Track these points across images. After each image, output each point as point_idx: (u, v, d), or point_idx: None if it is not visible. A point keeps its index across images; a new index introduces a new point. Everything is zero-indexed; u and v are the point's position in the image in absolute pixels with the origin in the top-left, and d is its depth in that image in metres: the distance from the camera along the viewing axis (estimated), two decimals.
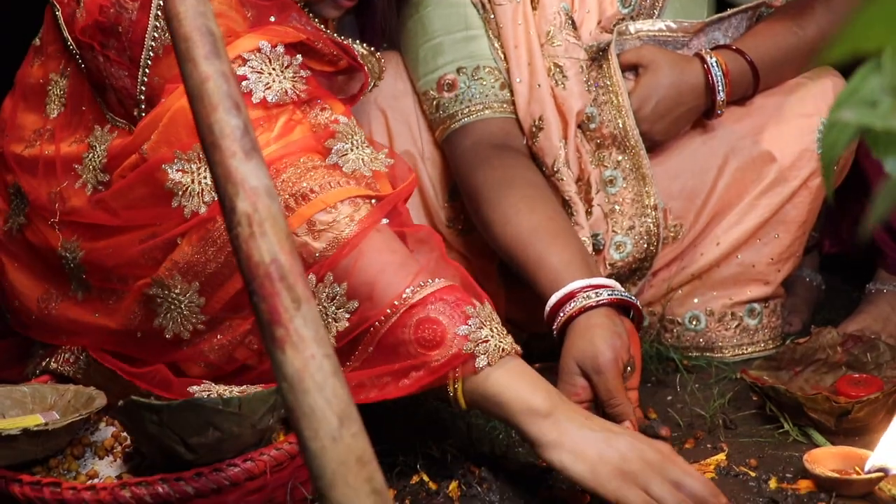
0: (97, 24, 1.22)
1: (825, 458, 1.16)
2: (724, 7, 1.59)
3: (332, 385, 0.63)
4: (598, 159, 1.53)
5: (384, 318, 1.11)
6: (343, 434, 0.62)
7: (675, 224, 1.56)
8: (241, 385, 1.18)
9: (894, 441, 1.12)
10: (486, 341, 1.11)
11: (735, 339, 1.58)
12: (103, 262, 1.22)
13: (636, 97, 1.50)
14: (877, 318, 1.62)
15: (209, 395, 1.12)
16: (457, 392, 1.12)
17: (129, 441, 1.14)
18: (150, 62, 1.20)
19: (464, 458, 1.22)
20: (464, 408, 1.13)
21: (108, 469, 1.12)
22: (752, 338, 1.59)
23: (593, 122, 1.52)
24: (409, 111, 1.55)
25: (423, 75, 1.53)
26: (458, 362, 1.10)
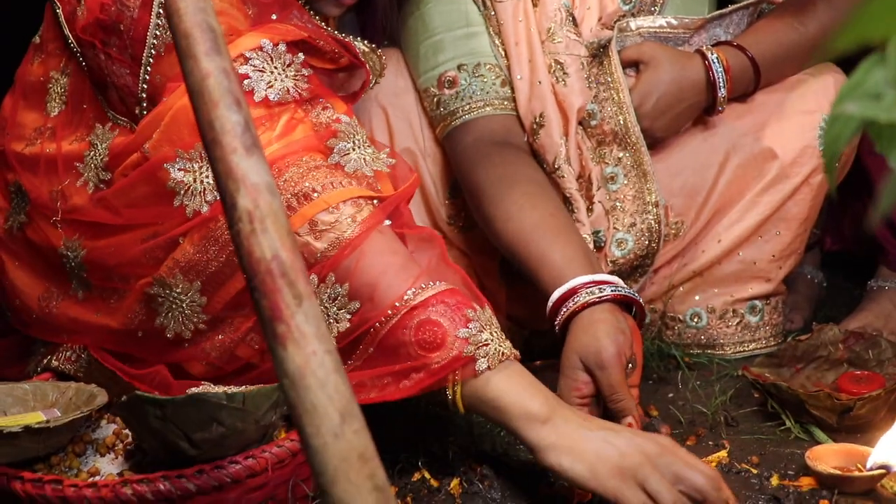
0: (98, 22, 1.21)
1: (827, 455, 1.16)
2: (726, 3, 1.59)
3: (333, 381, 0.63)
4: (599, 156, 1.53)
5: (385, 320, 1.11)
6: (345, 430, 0.62)
7: (676, 221, 1.56)
8: (243, 385, 1.18)
9: None
10: (486, 345, 1.10)
11: (736, 337, 1.58)
12: (105, 261, 1.22)
13: (637, 94, 1.50)
14: (878, 315, 1.62)
15: (212, 392, 1.12)
16: (455, 395, 1.11)
17: (130, 438, 1.14)
18: (151, 60, 1.19)
19: (465, 456, 1.22)
20: (462, 411, 1.13)
21: (109, 466, 1.12)
22: (753, 335, 1.59)
23: (594, 118, 1.51)
24: (409, 108, 1.55)
25: (423, 72, 1.53)
26: (459, 365, 1.10)
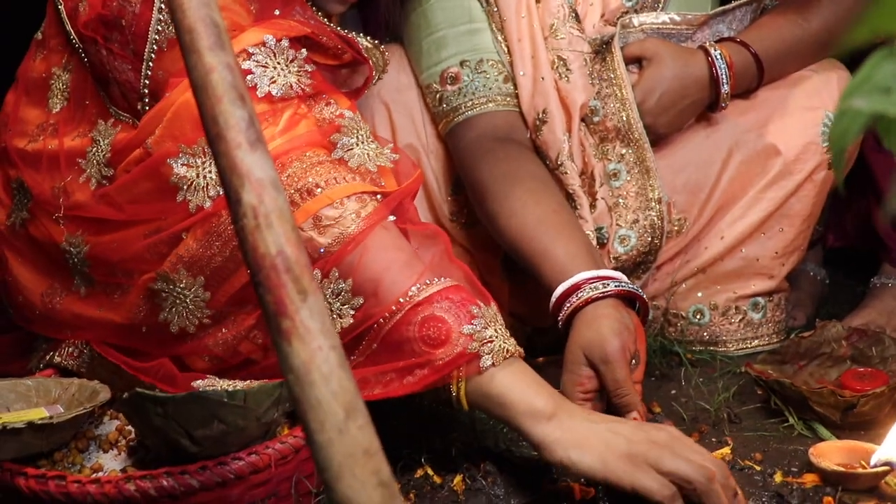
0: (100, 18, 1.21)
1: (831, 452, 1.16)
2: (729, 0, 1.58)
3: (338, 377, 0.63)
4: (602, 152, 1.53)
5: (389, 316, 1.11)
6: (349, 426, 0.62)
7: (679, 218, 1.56)
8: (246, 379, 1.18)
9: None
10: (490, 341, 1.10)
11: (739, 333, 1.58)
12: (108, 257, 1.22)
13: (640, 90, 1.50)
14: (881, 312, 1.62)
15: (214, 389, 1.12)
16: (459, 392, 1.11)
17: (133, 435, 1.14)
18: (153, 56, 1.19)
19: (468, 452, 1.21)
20: (465, 408, 1.12)
21: (112, 462, 1.11)
22: (756, 332, 1.59)
23: (597, 115, 1.51)
24: (412, 104, 1.55)
25: (426, 68, 1.53)
26: (463, 361, 1.10)
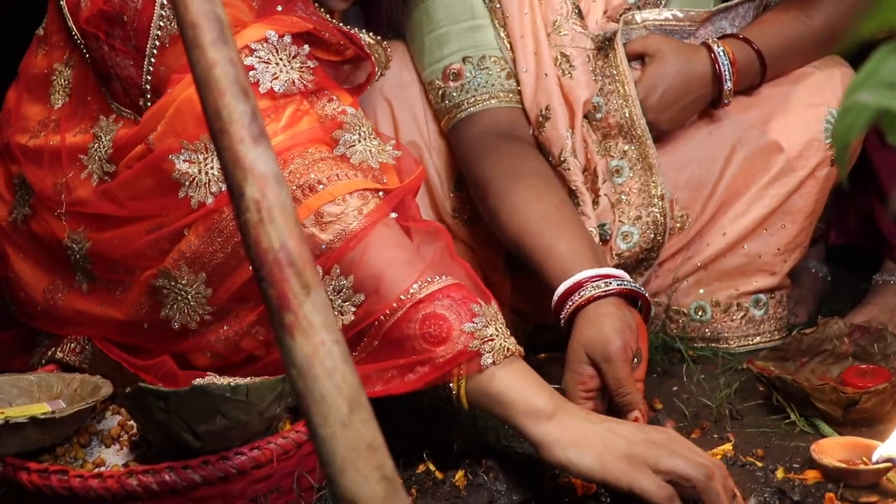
0: (102, 14, 1.21)
1: (832, 449, 1.16)
2: None
3: (341, 371, 0.63)
4: (605, 149, 1.53)
5: (390, 313, 1.11)
6: (353, 420, 0.62)
7: (681, 214, 1.56)
8: (247, 377, 1.18)
9: None
10: (491, 340, 1.10)
11: (741, 330, 1.58)
12: (110, 254, 1.22)
13: (643, 86, 1.49)
14: (884, 309, 1.62)
15: (216, 384, 1.12)
16: (460, 390, 1.11)
17: (135, 429, 1.14)
18: (155, 52, 1.19)
19: (470, 448, 1.22)
20: (465, 407, 1.12)
21: (114, 457, 1.12)
22: (757, 328, 1.59)
23: (599, 111, 1.51)
24: (414, 101, 1.55)
25: (428, 65, 1.52)
26: (464, 359, 1.10)
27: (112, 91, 1.25)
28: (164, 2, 1.18)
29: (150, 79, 1.20)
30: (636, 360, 1.22)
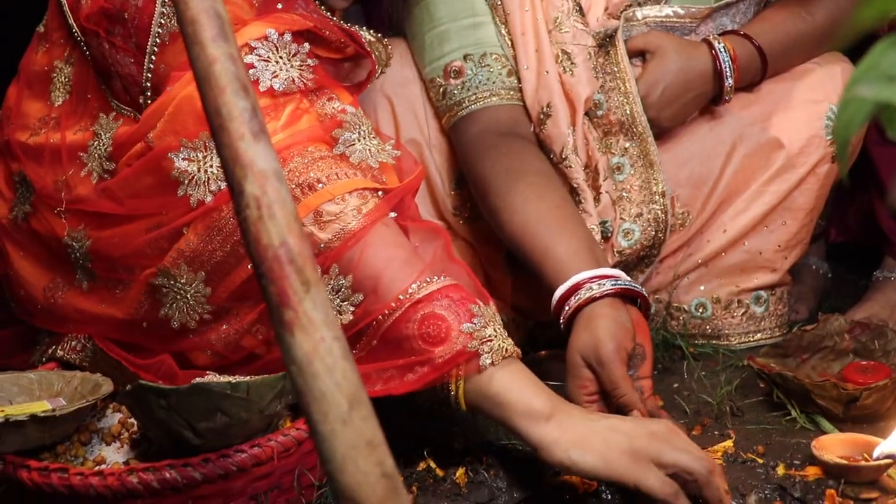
0: (103, 11, 1.21)
1: (833, 445, 1.16)
2: None
3: (341, 368, 0.63)
4: (606, 146, 1.53)
5: (388, 313, 1.11)
6: (353, 417, 0.62)
7: (682, 211, 1.56)
8: (247, 375, 1.18)
9: None
10: (490, 340, 1.10)
11: (741, 327, 1.58)
12: (109, 252, 1.22)
13: (643, 83, 1.49)
14: (884, 306, 1.62)
15: (217, 381, 1.12)
16: (458, 391, 1.11)
17: (136, 427, 1.14)
18: (156, 49, 1.19)
19: (471, 445, 1.21)
20: (464, 408, 1.12)
21: (115, 455, 1.12)
22: (758, 325, 1.59)
23: (600, 108, 1.51)
24: (415, 98, 1.54)
25: (429, 62, 1.52)
26: (463, 359, 1.10)
27: (112, 88, 1.25)
28: None
29: (150, 76, 1.20)
30: (638, 357, 1.22)
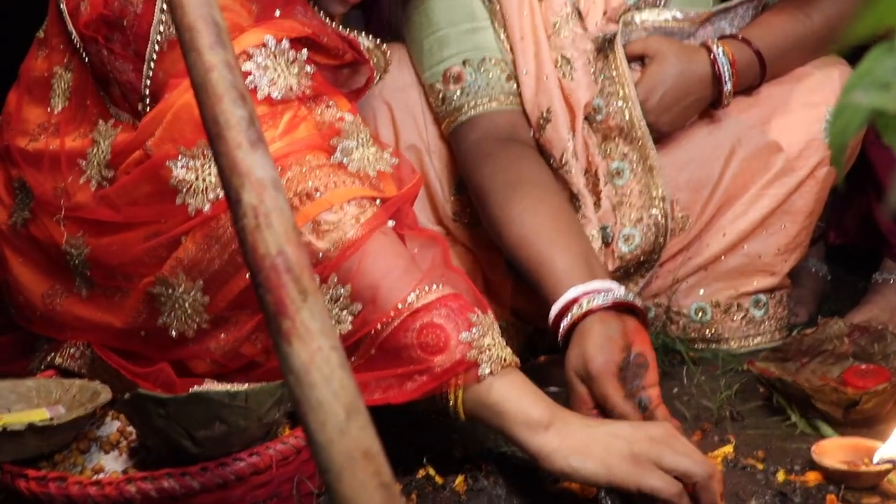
0: (102, 18, 1.21)
1: (833, 450, 1.16)
2: None
3: (339, 377, 0.62)
4: (605, 151, 1.53)
5: (387, 322, 1.10)
6: (350, 427, 0.62)
7: (682, 215, 1.56)
8: (246, 383, 1.17)
9: None
10: (488, 349, 1.10)
11: (741, 331, 1.58)
12: (108, 260, 1.22)
13: (642, 88, 1.49)
14: (884, 309, 1.62)
15: (215, 389, 1.12)
16: (457, 400, 1.10)
17: (134, 436, 1.14)
18: (155, 56, 1.19)
19: (470, 452, 1.21)
20: (463, 418, 1.11)
21: (113, 464, 1.11)
22: (758, 329, 1.58)
23: (600, 113, 1.51)
24: (414, 104, 1.54)
25: (428, 67, 1.52)
26: (462, 368, 1.09)
27: (111, 95, 1.25)
28: (164, 6, 1.17)
29: (149, 84, 1.20)
30: (639, 366, 1.21)
